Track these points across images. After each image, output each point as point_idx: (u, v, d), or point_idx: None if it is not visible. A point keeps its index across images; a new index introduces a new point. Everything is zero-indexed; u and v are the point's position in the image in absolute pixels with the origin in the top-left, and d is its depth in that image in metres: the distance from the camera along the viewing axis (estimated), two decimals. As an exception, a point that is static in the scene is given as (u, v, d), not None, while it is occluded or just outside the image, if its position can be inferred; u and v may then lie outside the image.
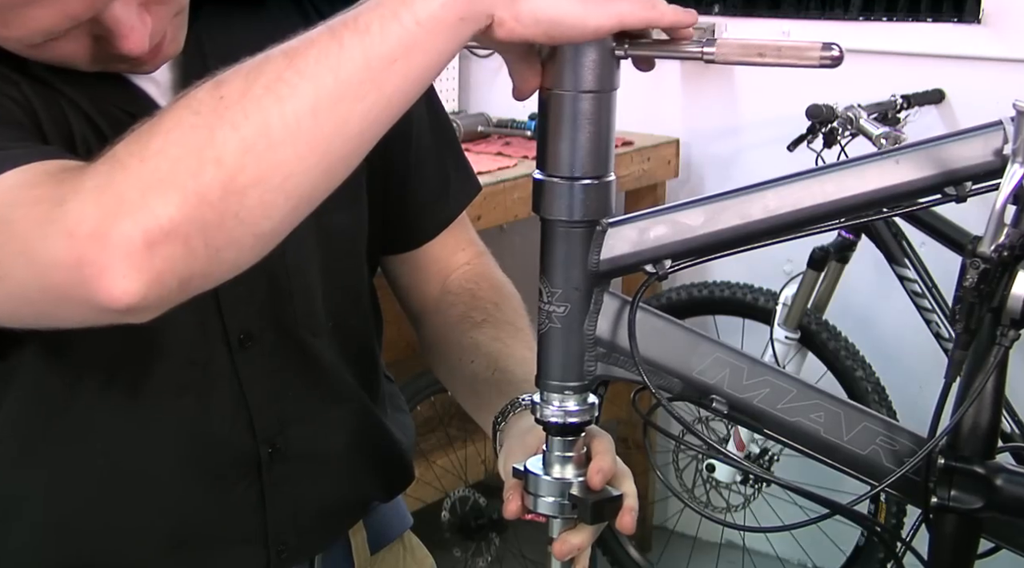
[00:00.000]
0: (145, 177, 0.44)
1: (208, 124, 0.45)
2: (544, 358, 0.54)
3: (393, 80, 0.46)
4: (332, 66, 0.45)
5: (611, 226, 0.52)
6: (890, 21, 1.66)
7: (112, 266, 0.44)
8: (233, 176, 0.45)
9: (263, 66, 0.45)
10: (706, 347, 0.54)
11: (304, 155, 0.45)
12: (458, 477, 1.58)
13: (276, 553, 0.66)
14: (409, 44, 0.45)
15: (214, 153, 0.44)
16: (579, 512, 0.54)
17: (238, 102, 0.45)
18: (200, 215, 0.44)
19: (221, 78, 0.46)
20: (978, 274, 0.49)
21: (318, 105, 0.45)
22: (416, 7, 0.45)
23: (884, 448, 0.54)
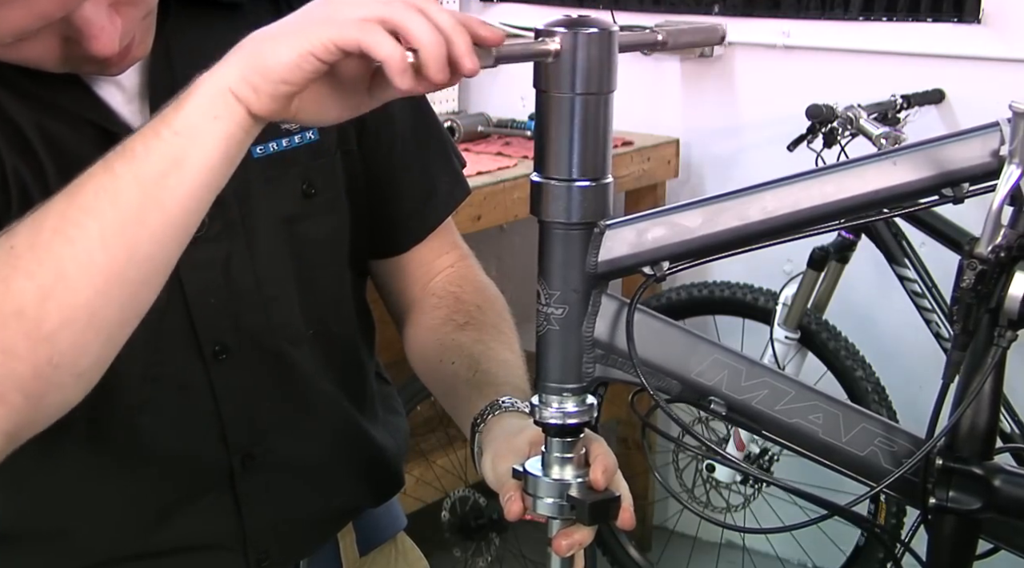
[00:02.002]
0: None
1: (2, 276, 0.45)
2: (542, 360, 0.53)
3: (171, 196, 0.46)
4: (110, 197, 0.45)
5: (609, 228, 0.52)
6: (890, 21, 1.66)
7: None
8: (37, 325, 0.45)
9: (48, 210, 0.46)
10: (704, 348, 0.54)
11: (104, 289, 0.46)
12: (458, 477, 1.58)
13: (256, 561, 0.65)
14: (175, 156, 0.46)
15: (13, 305, 0.44)
16: (577, 513, 0.54)
17: (29, 250, 0.45)
18: (11, 371, 0.44)
19: (10, 229, 0.46)
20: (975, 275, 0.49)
21: (105, 238, 0.45)
22: (172, 119, 0.46)
23: (883, 449, 0.54)
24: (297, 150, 0.63)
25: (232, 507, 0.64)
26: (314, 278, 0.65)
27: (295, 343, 0.65)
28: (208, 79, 0.47)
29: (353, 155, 0.67)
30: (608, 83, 0.51)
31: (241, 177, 0.60)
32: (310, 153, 0.64)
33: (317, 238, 0.65)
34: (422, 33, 0.45)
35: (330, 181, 0.65)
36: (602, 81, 0.51)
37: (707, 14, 1.77)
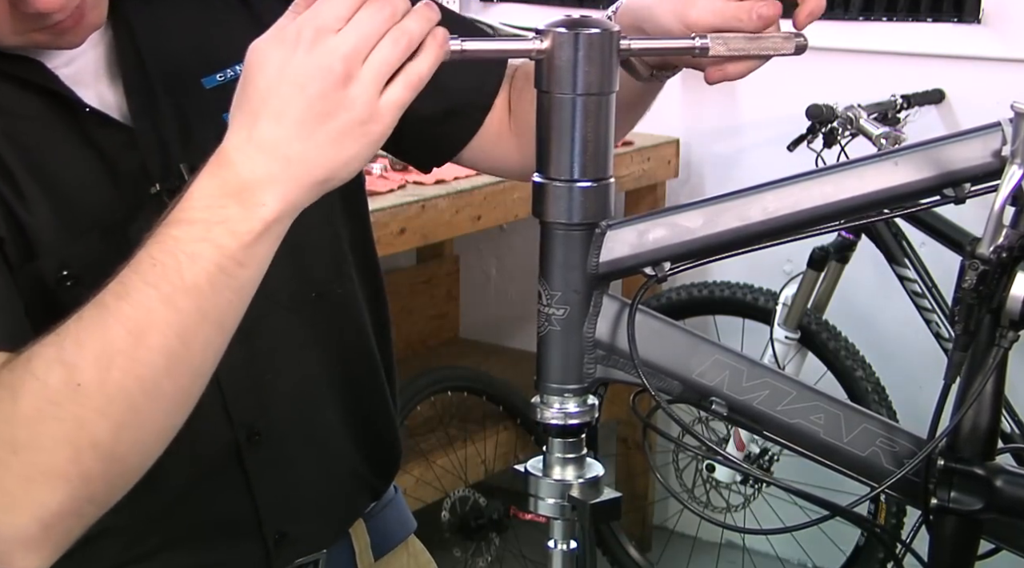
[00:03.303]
0: (25, 470, 0.47)
1: (74, 415, 0.47)
2: (544, 360, 0.53)
3: (235, 316, 0.50)
4: (177, 333, 0.48)
5: (610, 228, 0.52)
6: (890, 21, 1.66)
7: (13, 553, 0.47)
8: (111, 450, 0.48)
9: (112, 344, 0.48)
10: (705, 349, 0.54)
11: (171, 408, 0.50)
12: (458, 477, 1.58)
13: (274, 543, 0.65)
14: (241, 287, 0.49)
15: (88, 438, 0.47)
16: (579, 513, 0.54)
17: (99, 389, 0.47)
18: (88, 492, 0.48)
19: (67, 359, 0.48)
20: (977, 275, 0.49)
21: (171, 369, 0.49)
22: (236, 253, 0.48)
23: (884, 449, 0.54)
24: None
25: (243, 485, 0.63)
26: (306, 242, 0.63)
27: (294, 309, 0.64)
28: (263, 209, 0.48)
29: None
30: (609, 84, 0.51)
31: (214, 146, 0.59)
32: None
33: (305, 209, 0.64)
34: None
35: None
36: (603, 82, 0.51)
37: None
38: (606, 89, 0.51)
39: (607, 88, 0.51)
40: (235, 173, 0.48)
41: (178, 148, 0.59)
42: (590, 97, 0.51)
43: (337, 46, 0.46)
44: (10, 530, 0.47)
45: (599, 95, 0.51)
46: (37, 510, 0.47)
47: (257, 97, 0.47)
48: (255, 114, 0.47)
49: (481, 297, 2.03)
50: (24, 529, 0.47)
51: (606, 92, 0.51)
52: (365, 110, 0.47)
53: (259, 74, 0.47)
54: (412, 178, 1.47)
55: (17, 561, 0.48)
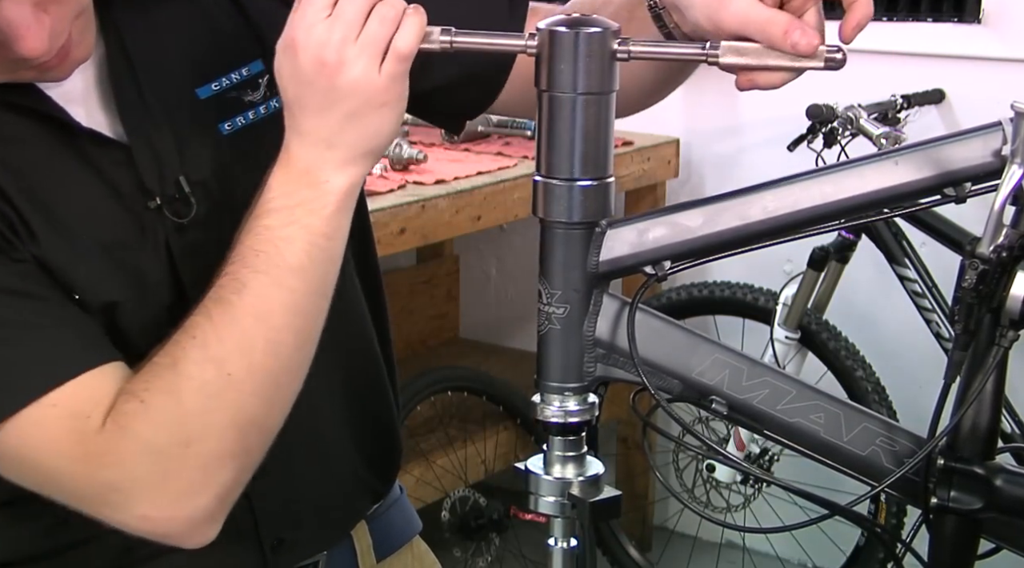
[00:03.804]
0: (201, 461, 0.53)
1: (233, 402, 0.54)
2: (544, 359, 0.53)
3: (332, 284, 0.57)
4: (293, 312, 0.55)
5: (610, 227, 0.52)
6: (890, 21, 1.66)
7: (198, 529, 0.54)
8: (265, 423, 0.55)
9: (246, 331, 0.54)
10: (706, 348, 0.54)
11: (300, 366, 0.56)
12: (458, 477, 1.57)
13: (271, 548, 0.65)
14: (332, 257, 0.56)
15: (248, 418, 0.54)
16: (578, 512, 0.54)
17: (248, 375, 0.54)
18: (250, 463, 0.55)
19: (214, 355, 0.54)
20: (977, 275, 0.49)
21: (299, 343, 0.56)
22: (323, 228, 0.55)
23: (884, 449, 0.54)
24: (265, 121, 0.63)
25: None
26: None
27: None
28: (330, 185, 0.54)
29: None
30: (609, 83, 0.51)
31: (216, 158, 0.61)
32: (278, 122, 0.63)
33: None
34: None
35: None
36: (603, 81, 0.51)
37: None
38: (606, 88, 0.51)
39: (607, 87, 0.51)
40: (295, 162, 0.54)
41: (175, 161, 0.60)
42: (590, 96, 0.50)
43: (325, 39, 0.51)
44: (197, 512, 0.53)
45: (599, 94, 0.51)
46: (216, 489, 0.54)
47: (288, 99, 0.54)
48: (292, 112, 0.54)
49: (481, 297, 2.03)
50: (207, 508, 0.54)
51: (606, 91, 0.51)
52: (369, 88, 0.52)
53: (280, 78, 0.54)
54: (412, 178, 1.47)
55: (200, 536, 0.54)
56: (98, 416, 0.53)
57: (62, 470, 0.53)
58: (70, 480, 0.53)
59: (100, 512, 0.54)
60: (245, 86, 0.62)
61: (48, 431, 0.52)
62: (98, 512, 0.54)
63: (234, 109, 0.62)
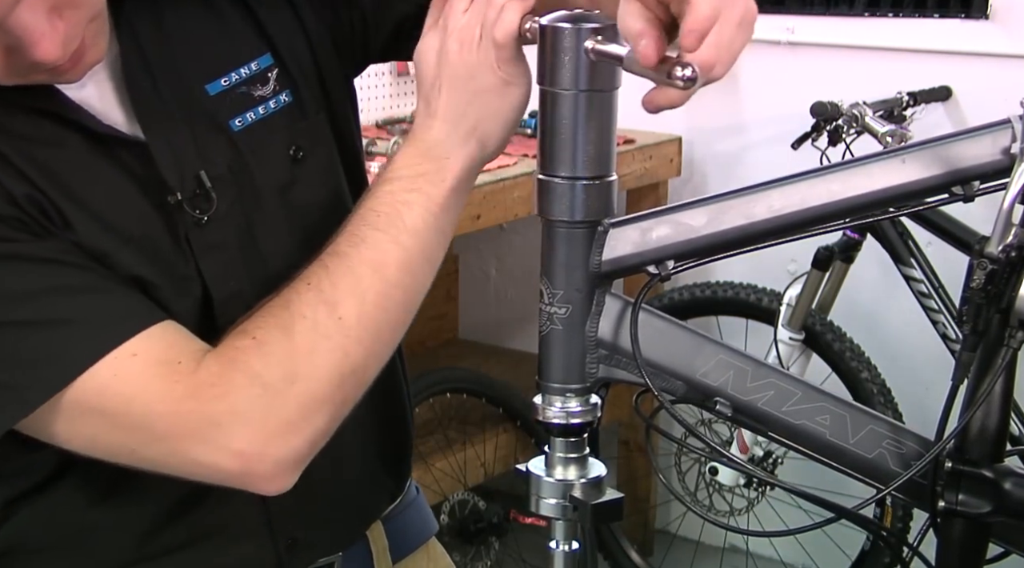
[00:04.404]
0: (302, 400, 0.54)
1: (340, 346, 0.55)
2: (546, 360, 0.53)
3: (442, 251, 0.60)
4: (408, 272, 0.57)
5: (613, 227, 0.52)
6: (896, 17, 1.65)
7: (284, 472, 0.54)
8: (363, 375, 0.56)
9: (362, 280, 0.56)
10: (710, 349, 0.53)
11: (400, 324, 0.59)
12: (457, 480, 1.56)
13: (285, 548, 0.65)
14: (444, 230, 0.59)
15: (350, 366, 0.55)
16: (580, 514, 0.53)
17: (358, 322, 0.56)
18: (342, 413, 0.56)
19: (327, 298, 0.55)
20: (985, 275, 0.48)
21: (407, 302, 0.58)
22: (441, 199, 0.58)
23: (890, 451, 0.53)
24: (275, 115, 0.63)
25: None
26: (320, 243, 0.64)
27: None
28: (449, 161, 0.58)
29: (339, 117, 0.67)
30: (612, 80, 0.50)
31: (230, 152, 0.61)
32: (289, 116, 0.64)
33: (314, 204, 0.65)
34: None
35: (317, 143, 0.65)
36: (606, 78, 0.50)
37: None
38: (608, 85, 0.50)
39: (609, 84, 0.50)
40: (421, 139, 0.58)
41: (194, 157, 0.60)
42: (592, 93, 0.50)
43: (464, 23, 0.56)
44: (290, 452, 0.54)
45: (601, 91, 0.50)
46: (311, 434, 0.54)
47: (427, 82, 0.58)
48: (428, 96, 0.58)
49: (481, 297, 2.02)
50: (299, 450, 0.54)
51: (608, 88, 0.50)
52: (487, 68, 0.56)
53: (426, 63, 0.58)
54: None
55: (283, 479, 0.55)
56: (190, 359, 0.54)
57: (158, 411, 0.53)
58: (166, 421, 0.53)
59: (189, 452, 0.53)
60: (254, 81, 0.63)
61: (135, 377, 0.53)
62: (187, 453, 0.53)
63: (244, 105, 0.62)
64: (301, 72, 0.64)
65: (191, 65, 0.61)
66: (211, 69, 0.62)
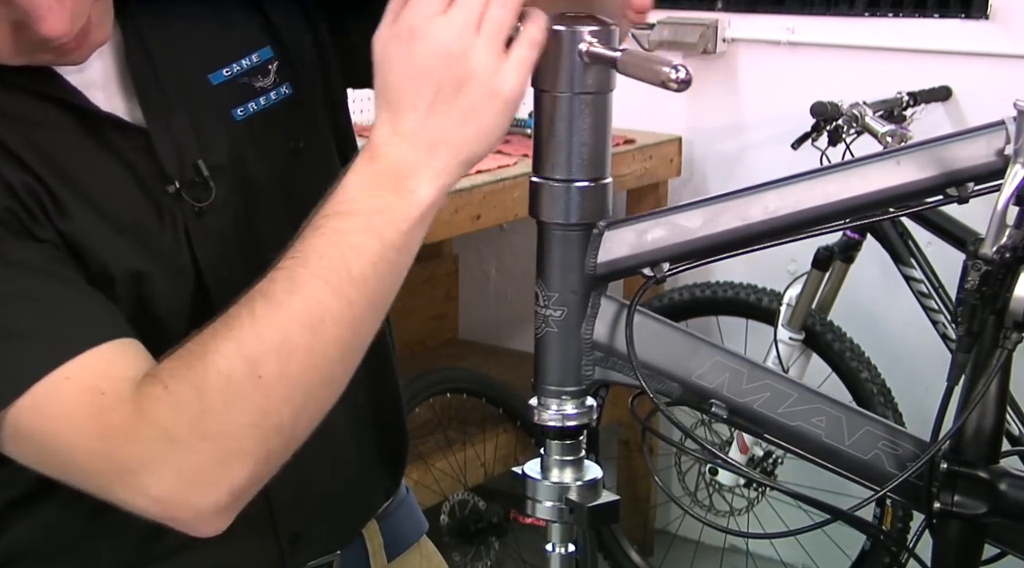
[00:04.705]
0: (216, 454, 0.51)
1: (259, 406, 0.50)
2: (541, 362, 0.53)
3: (393, 295, 0.53)
4: (349, 325, 0.51)
5: (608, 229, 0.52)
6: (896, 17, 1.65)
7: (205, 520, 0.52)
8: (292, 432, 0.52)
9: (289, 337, 0.50)
10: (705, 351, 0.53)
11: (340, 388, 0.53)
12: (457, 480, 1.56)
13: (288, 543, 0.65)
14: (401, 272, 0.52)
15: (273, 424, 0.51)
16: (576, 517, 0.53)
17: (280, 381, 0.50)
18: (269, 467, 0.53)
19: (248, 353, 0.50)
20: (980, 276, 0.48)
21: (343, 356, 0.52)
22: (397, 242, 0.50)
23: (886, 452, 0.53)
24: (276, 107, 0.63)
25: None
26: None
27: None
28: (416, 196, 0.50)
29: (338, 108, 0.66)
30: (607, 82, 0.50)
31: (230, 143, 0.61)
32: (288, 108, 0.64)
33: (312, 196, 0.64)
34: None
35: (315, 135, 0.65)
36: (601, 80, 0.50)
37: (710, 10, 1.76)
38: (604, 87, 0.50)
39: (604, 87, 0.50)
40: (386, 164, 0.50)
41: (193, 146, 0.60)
42: (588, 96, 0.50)
43: (448, 26, 0.48)
44: (206, 502, 0.51)
45: (596, 94, 0.50)
46: (229, 485, 0.51)
47: (391, 92, 0.50)
48: (393, 108, 0.50)
49: (480, 297, 2.02)
50: (218, 500, 0.52)
51: (604, 91, 0.50)
52: (490, 76, 0.49)
53: (388, 70, 0.50)
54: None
55: (208, 526, 0.52)
56: (113, 392, 0.51)
57: (77, 446, 0.51)
58: (85, 457, 0.51)
59: (113, 492, 0.52)
60: (255, 72, 0.62)
61: (63, 404, 0.51)
62: (111, 492, 0.52)
63: (245, 95, 0.61)
64: (302, 66, 0.64)
65: (193, 55, 0.61)
66: (213, 59, 0.62)
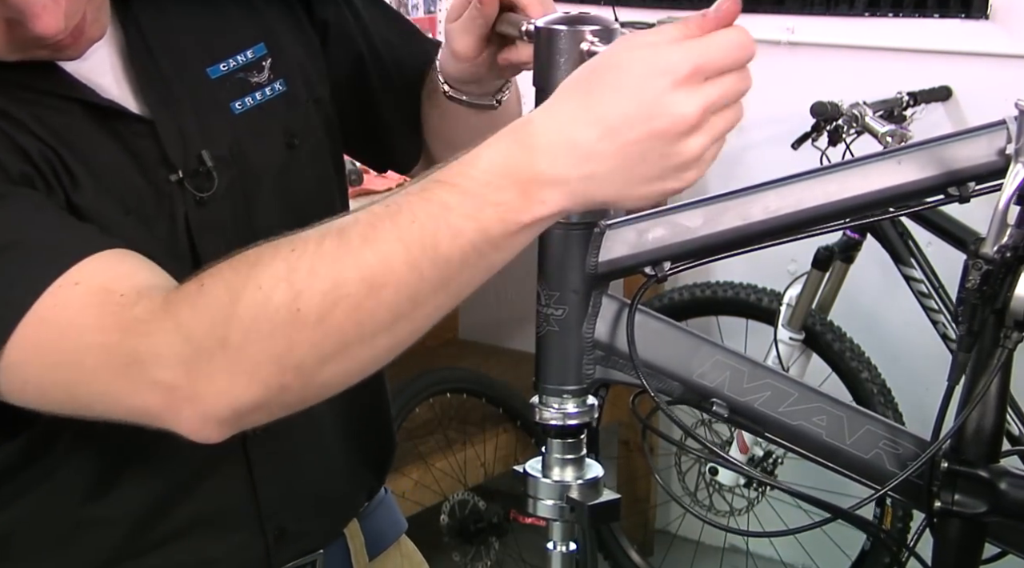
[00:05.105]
0: (229, 365, 0.47)
1: (287, 337, 0.47)
2: (542, 361, 0.53)
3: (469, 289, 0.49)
4: (412, 295, 0.47)
5: (609, 228, 0.52)
6: (896, 17, 1.65)
7: (200, 422, 0.49)
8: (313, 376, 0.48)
9: (342, 282, 0.46)
10: (706, 350, 0.53)
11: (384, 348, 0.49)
12: (457, 480, 1.56)
13: (274, 538, 0.65)
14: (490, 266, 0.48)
15: (295, 361, 0.47)
16: (577, 515, 0.53)
17: (317, 325, 0.46)
18: (281, 400, 0.49)
19: (295, 282, 0.46)
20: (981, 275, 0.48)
21: (399, 324, 0.47)
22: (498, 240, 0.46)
23: (887, 452, 0.53)
24: (273, 102, 0.64)
25: (246, 479, 0.63)
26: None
27: None
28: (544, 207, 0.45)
29: (324, 103, 0.67)
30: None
31: (231, 135, 0.62)
32: (285, 103, 0.65)
33: (307, 190, 0.65)
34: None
35: (308, 131, 0.66)
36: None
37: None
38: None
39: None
40: (531, 159, 0.44)
41: (197, 136, 0.60)
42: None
43: (704, 95, 0.44)
44: (208, 406, 0.48)
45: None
46: (233, 402, 0.48)
47: (600, 96, 0.44)
48: (587, 110, 0.44)
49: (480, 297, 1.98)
50: (219, 412, 0.48)
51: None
52: (692, 161, 0.45)
53: (617, 76, 0.44)
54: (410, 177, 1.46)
55: (204, 431, 0.49)
56: (131, 292, 0.49)
57: (84, 344, 0.49)
58: (95, 355, 0.49)
59: (115, 387, 0.49)
60: (251, 68, 0.63)
61: (75, 309, 0.49)
62: (113, 389, 0.49)
63: (243, 90, 0.62)
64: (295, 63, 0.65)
65: (192, 50, 0.62)
66: (211, 54, 0.62)
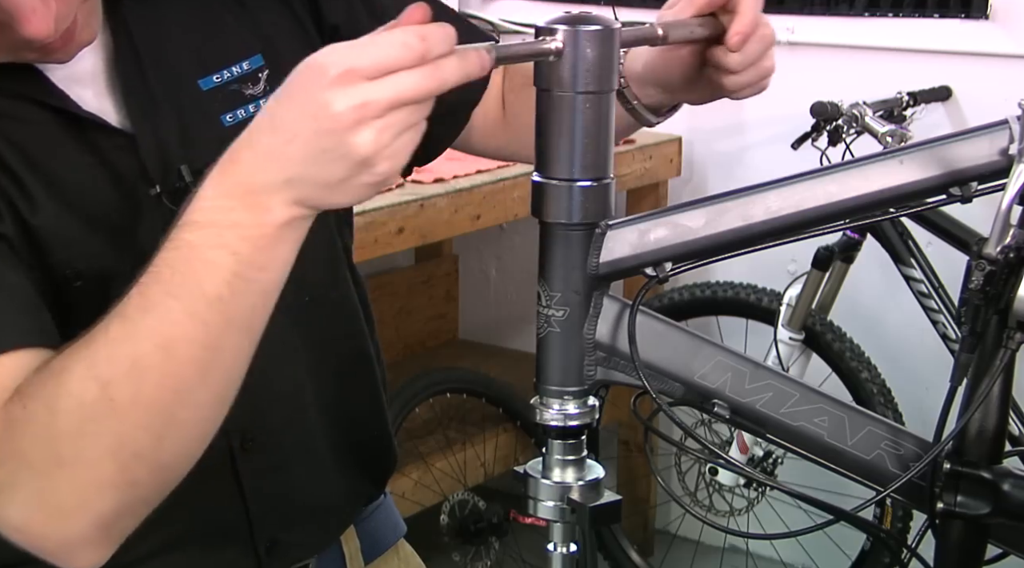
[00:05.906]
0: (73, 482, 0.48)
1: (113, 430, 0.48)
2: (543, 362, 0.53)
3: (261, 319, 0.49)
4: (209, 348, 0.48)
5: (610, 228, 0.51)
6: (896, 17, 1.65)
7: (75, 551, 0.48)
8: (155, 459, 0.49)
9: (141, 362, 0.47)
10: (708, 351, 0.53)
11: (210, 413, 0.50)
12: (457, 480, 1.56)
13: (265, 550, 0.65)
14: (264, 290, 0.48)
15: (131, 451, 0.48)
16: (578, 517, 0.53)
17: (132, 404, 0.47)
18: (138, 495, 0.49)
19: (100, 375, 0.47)
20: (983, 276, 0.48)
21: (207, 379, 0.48)
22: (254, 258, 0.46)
23: (889, 453, 0.53)
24: None
25: (236, 492, 0.63)
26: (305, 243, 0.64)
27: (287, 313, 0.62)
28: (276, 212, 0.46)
29: None
30: (610, 81, 0.50)
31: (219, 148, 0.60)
32: None
33: None
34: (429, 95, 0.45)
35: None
36: (603, 79, 0.50)
37: (710, 12, 1.76)
38: (606, 87, 0.50)
39: (607, 86, 0.50)
40: (242, 175, 0.47)
41: (179, 150, 0.60)
42: (590, 95, 0.50)
43: (360, 93, 0.44)
44: (71, 533, 0.48)
45: (599, 93, 0.50)
46: (93, 516, 0.49)
47: (283, 106, 0.46)
48: (275, 121, 0.46)
49: (481, 297, 2.02)
50: (83, 532, 0.48)
51: (606, 90, 0.50)
52: (371, 155, 0.45)
53: (292, 85, 0.46)
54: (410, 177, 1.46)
55: (80, 559, 0.49)
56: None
57: None
58: None
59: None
60: (246, 79, 0.62)
61: None
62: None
63: (235, 102, 0.62)
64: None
65: (184, 60, 0.61)
66: (204, 65, 0.61)
